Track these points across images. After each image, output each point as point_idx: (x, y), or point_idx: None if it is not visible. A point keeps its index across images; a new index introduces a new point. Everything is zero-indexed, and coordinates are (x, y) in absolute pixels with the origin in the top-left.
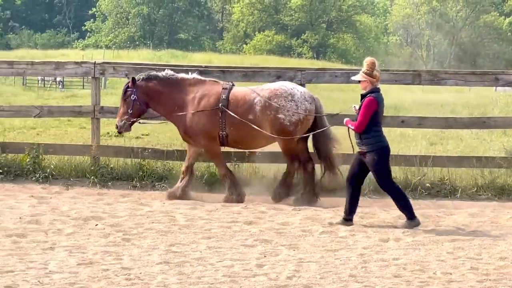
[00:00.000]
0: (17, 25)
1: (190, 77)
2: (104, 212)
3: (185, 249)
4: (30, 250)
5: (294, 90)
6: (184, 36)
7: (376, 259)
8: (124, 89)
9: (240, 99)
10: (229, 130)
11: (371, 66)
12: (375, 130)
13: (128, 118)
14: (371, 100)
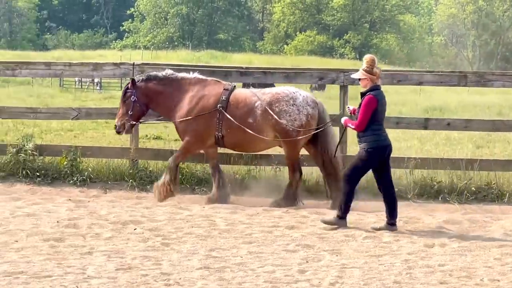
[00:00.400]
0: (54, 25)
1: (191, 76)
2: (143, 216)
3: (226, 254)
4: (68, 255)
5: (296, 94)
6: (223, 37)
7: (421, 265)
8: (123, 91)
9: (240, 101)
10: (225, 132)
11: (371, 63)
12: (375, 128)
13: (128, 119)
14: (371, 98)
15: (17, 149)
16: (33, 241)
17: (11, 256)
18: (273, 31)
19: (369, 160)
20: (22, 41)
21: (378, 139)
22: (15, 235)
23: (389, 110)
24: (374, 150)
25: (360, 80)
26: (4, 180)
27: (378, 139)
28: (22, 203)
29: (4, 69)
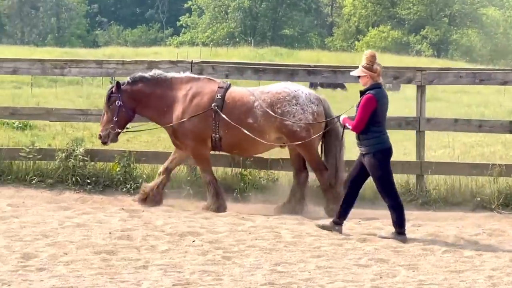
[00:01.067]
0: (105, 20)
1: (182, 75)
2: (202, 227)
3: (292, 268)
4: (121, 269)
5: (298, 92)
6: (289, 32)
7: (507, 282)
8: (107, 95)
9: (237, 100)
10: (223, 133)
11: (371, 59)
12: (375, 130)
13: (113, 127)
14: (370, 97)
15: (66, 154)
16: (84, 253)
17: (60, 270)
18: (343, 26)
19: (383, 163)
20: (70, 38)
21: (380, 141)
22: (64, 247)
23: (470, 112)
24: (381, 153)
25: (360, 77)
26: (52, 188)
27: (380, 142)
28: (72, 213)
29: (52, 68)
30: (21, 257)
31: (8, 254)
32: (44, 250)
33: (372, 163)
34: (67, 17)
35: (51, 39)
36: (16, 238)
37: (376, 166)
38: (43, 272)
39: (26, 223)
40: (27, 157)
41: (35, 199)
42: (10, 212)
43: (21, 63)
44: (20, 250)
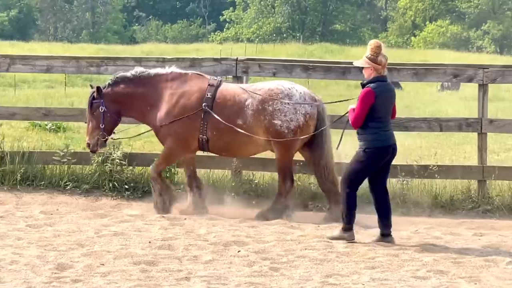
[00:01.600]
0: (144, 15)
1: (167, 71)
2: (248, 236)
3: (345, 280)
4: (161, 280)
5: (292, 90)
6: (340, 27)
7: None
8: (89, 102)
9: (228, 99)
10: (211, 135)
11: (375, 50)
12: (373, 126)
13: (102, 134)
14: (368, 91)
15: (102, 158)
16: (122, 264)
17: (97, 282)
18: (398, 20)
19: (368, 162)
20: (106, 33)
21: (378, 138)
22: (101, 257)
23: None
24: (373, 151)
25: (363, 69)
26: (88, 194)
27: (378, 139)
28: (109, 221)
29: (87, 66)
30: (55, 268)
31: (41, 264)
32: (80, 260)
33: (360, 156)
34: (102, 11)
35: (86, 35)
36: (50, 247)
37: (360, 159)
38: (78, 284)
39: (61, 232)
40: (61, 161)
41: (70, 206)
42: (44, 220)
43: (55, 60)
44: (54, 260)
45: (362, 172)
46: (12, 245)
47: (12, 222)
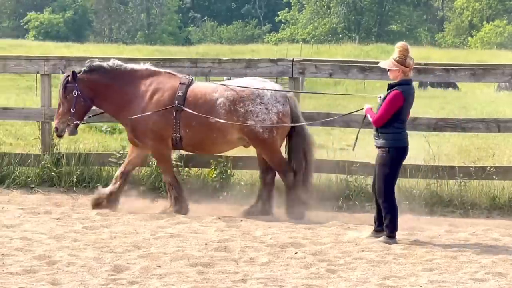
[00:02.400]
0: (199, 16)
1: (142, 67)
2: (304, 238)
3: (402, 283)
4: (218, 282)
5: (263, 90)
6: (396, 28)
7: None
8: (63, 85)
9: (199, 97)
10: (184, 133)
11: (404, 52)
12: (397, 126)
13: (71, 119)
14: (397, 94)
15: None
16: (178, 266)
17: (153, 284)
18: (455, 20)
19: (393, 161)
20: (161, 35)
21: (400, 138)
22: (158, 259)
23: None
24: (396, 150)
25: (389, 71)
26: (144, 195)
27: (400, 139)
28: (165, 222)
29: None
30: (112, 270)
31: (98, 266)
32: (136, 262)
33: (383, 158)
34: (157, 12)
35: (141, 36)
36: (107, 249)
37: (386, 162)
38: (135, 285)
39: (117, 233)
40: (117, 163)
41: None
42: (100, 222)
43: None
44: (111, 262)
45: (391, 174)
46: (68, 247)
47: (69, 224)
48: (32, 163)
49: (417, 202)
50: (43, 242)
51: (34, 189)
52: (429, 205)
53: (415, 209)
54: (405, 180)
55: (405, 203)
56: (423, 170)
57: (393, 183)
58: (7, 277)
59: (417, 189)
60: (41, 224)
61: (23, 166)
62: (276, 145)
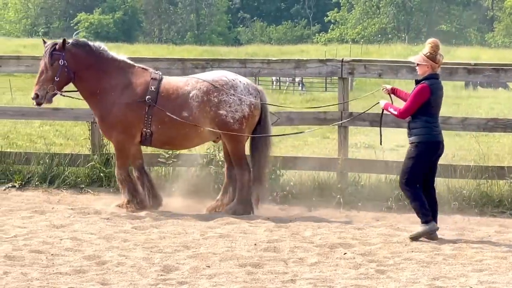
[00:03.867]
0: (248, 16)
1: (120, 59)
2: (353, 238)
3: (452, 283)
4: (267, 283)
5: (236, 81)
6: (446, 28)
7: None
8: (49, 52)
9: (171, 92)
10: (155, 128)
11: (435, 48)
12: (427, 121)
13: (52, 87)
14: (424, 87)
15: (207, 160)
16: (227, 266)
17: (203, 284)
18: (505, 20)
19: (420, 156)
20: (211, 35)
21: (430, 132)
22: (207, 259)
23: None
24: (425, 145)
25: (419, 66)
26: (192, 196)
27: (430, 133)
28: (214, 223)
29: (193, 67)
30: (161, 270)
31: (147, 266)
32: (186, 262)
33: (411, 152)
34: (207, 13)
35: (190, 37)
36: (156, 249)
37: (413, 156)
38: (184, 286)
39: (166, 234)
40: (166, 163)
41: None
42: (149, 222)
43: (161, 62)
44: (160, 262)
45: (416, 167)
46: (118, 247)
47: (118, 224)
48: (82, 163)
49: (466, 202)
50: (93, 242)
51: (84, 189)
52: (479, 206)
53: (465, 209)
54: (455, 181)
55: (454, 203)
56: (473, 170)
57: (418, 177)
58: (57, 277)
59: (467, 189)
60: (91, 224)
61: (73, 166)
62: (243, 138)
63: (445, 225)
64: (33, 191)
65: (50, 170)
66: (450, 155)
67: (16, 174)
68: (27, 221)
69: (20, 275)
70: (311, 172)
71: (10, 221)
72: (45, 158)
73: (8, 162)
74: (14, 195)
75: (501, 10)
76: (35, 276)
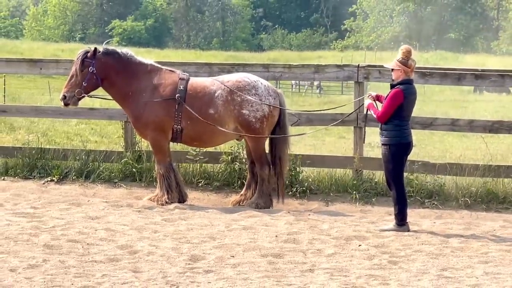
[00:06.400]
0: (270, 24)
1: (148, 62)
2: (368, 232)
3: (459, 274)
4: (287, 272)
5: (257, 83)
6: (454, 36)
7: None
8: (81, 59)
9: (199, 90)
10: (185, 124)
11: (407, 54)
12: (398, 124)
13: (79, 92)
14: (398, 92)
15: (232, 157)
16: (250, 256)
17: (228, 272)
18: (510, 29)
19: (396, 157)
20: (235, 41)
21: (400, 135)
22: (231, 250)
23: None
24: (396, 147)
25: (393, 70)
26: (218, 190)
27: (401, 135)
28: (238, 216)
29: (219, 71)
30: (189, 259)
31: (176, 256)
32: (211, 252)
33: (386, 154)
34: (232, 21)
35: (216, 43)
36: (184, 240)
37: (389, 158)
38: (210, 274)
39: (194, 226)
40: (193, 160)
41: (202, 201)
42: (178, 214)
43: (189, 66)
44: (188, 252)
45: (396, 168)
46: (149, 238)
47: (149, 216)
48: (115, 159)
49: (473, 199)
50: (126, 233)
51: (117, 183)
52: (485, 202)
53: (471, 205)
54: (463, 178)
55: (462, 200)
56: (480, 169)
57: (400, 175)
58: (92, 265)
59: (474, 186)
60: (124, 216)
61: (107, 162)
62: (263, 137)
63: (453, 220)
64: (70, 185)
65: (86, 165)
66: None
67: (54, 169)
68: (65, 212)
69: (58, 263)
70: (328, 170)
71: (49, 212)
72: (82, 154)
73: (47, 157)
74: (53, 189)
75: (505, 20)
76: (72, 264)
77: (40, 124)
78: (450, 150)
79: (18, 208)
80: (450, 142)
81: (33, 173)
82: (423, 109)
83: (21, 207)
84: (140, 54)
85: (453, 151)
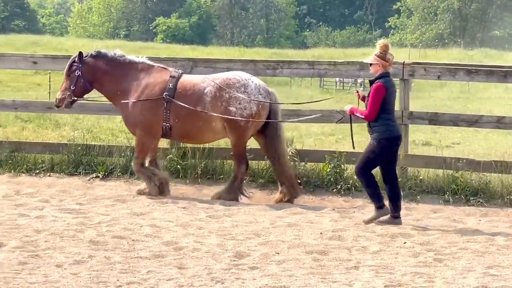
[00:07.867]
0: (314, 21)
1: (139, 61)
2: (413, 229)
3: (505, 272)
4: (332, 269)
5: (248, 81)
6: (499, 33)
7: None
8: (69, 63)
9: (188, 88)
10: (173, 122)
11: (384, 48)
12: (385, 118)
13: (69, 95)
14: (379, 86)
15: None
16: (295, 253)
17: (272, 269)
18: None
19: (381, 151)
20: (279, 38)
21: (389, 129)
22: (276, 247)
23: None
24: (387, 141)
25: (371, 65)
26: (263, 187)
27: (390, 129)
28: (283, 213)
29: (264, 68)
30: (234, 256)
31: (221, 252)
32: (256, 249)
33: (373, 146)
34: (276, 18)
35: (260, 40)
36: (229, 236)
37: (374, 150)
38: (255, 271)
39: (238, 222)
40: None
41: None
42: (223, 211)
43: (234, 63)
44: (233, 248)
45: (374, 161)
46: (194, 234)
47: (194, 213)
48: (160, 156)
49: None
50: (171, 229)
51: None
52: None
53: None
54: (508, 176)
55: (507, 197)
56: None
57: (372, 168)
58: (138, 261)
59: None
60: (169, 212)
61: None
62: (247, 134)
63: (498, 218)
64: (115, 181)
65: (131, 162)
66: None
67: (99, 165)
68: (110, 208)
69: (104, 259)
70: None
71: (94, 208)
72: (126, 151)
73: (93, 154)
74: (98, 185)
75: None
76: (117, 260)
77: (85, 120)
78: (495, 148)
79: (63, 204)
80: (495, 139)
81: (79, 170)
82: (468, 107)
83: (67, 203)
84: (185, 51)
85: (498, 148)
